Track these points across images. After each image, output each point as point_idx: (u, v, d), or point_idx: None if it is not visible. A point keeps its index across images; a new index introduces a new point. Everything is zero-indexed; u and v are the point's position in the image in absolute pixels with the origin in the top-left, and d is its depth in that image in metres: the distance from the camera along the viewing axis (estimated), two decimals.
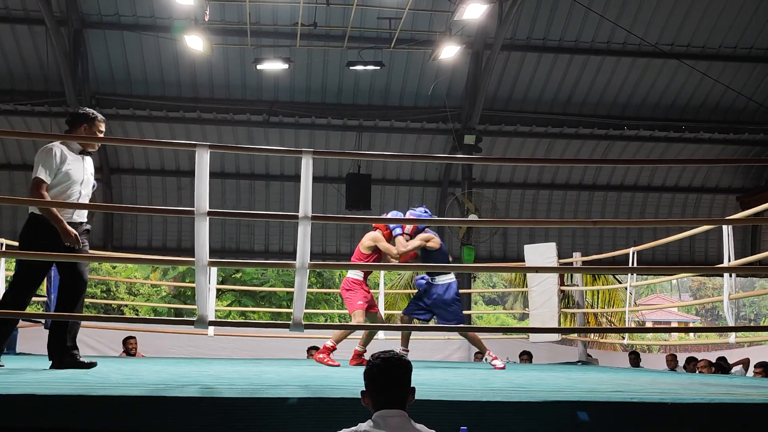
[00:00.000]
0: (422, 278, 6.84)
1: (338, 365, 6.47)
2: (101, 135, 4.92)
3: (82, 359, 4.81)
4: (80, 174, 4.80)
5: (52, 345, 4.83)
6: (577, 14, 12.83)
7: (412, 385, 2.55)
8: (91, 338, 10.90)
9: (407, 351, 6.72)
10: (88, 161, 4.92)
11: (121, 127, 13.89)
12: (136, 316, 19.38)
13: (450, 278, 6.70)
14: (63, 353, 4.77)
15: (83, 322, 9.61)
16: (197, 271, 4.04)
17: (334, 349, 6.70)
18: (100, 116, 4.93)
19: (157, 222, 14.78)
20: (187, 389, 3.45)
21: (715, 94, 14.21)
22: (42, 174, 4.63)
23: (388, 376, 2.51)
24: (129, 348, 9.57)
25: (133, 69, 13.31)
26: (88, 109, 4.95)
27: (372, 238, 6.76)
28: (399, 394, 2.50)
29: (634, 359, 11.32)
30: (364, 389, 2.55)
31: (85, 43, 12.84)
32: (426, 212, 6.77)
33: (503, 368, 6.41)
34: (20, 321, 8.62)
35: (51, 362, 4.81)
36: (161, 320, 10.84)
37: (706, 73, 13.41)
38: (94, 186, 4.99)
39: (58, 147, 4.71)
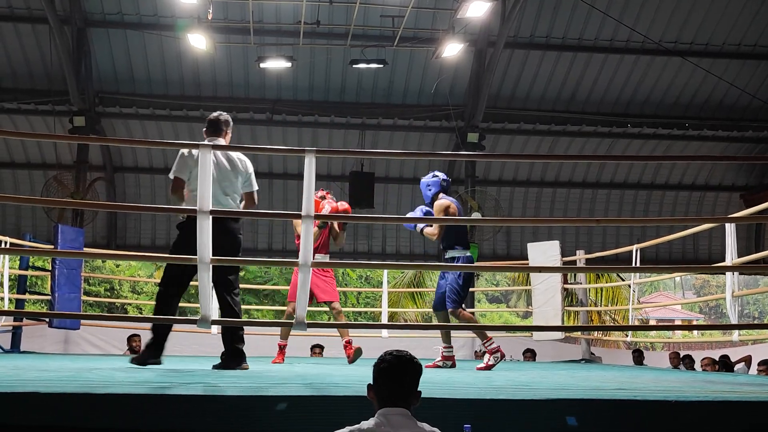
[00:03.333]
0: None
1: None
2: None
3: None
4: None
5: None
6: (581, 12, 12.81)
7: (419, 389, 2.55)
8: (94, 336, 10.94)
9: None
10: None
11: (125, 125, 13.90)
12: (139, 315, 19.40)
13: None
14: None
15: (87, 321, 9.68)
16: (200, 269, 4.06)
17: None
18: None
19: (161, 220, 14.78)
20: (190, 387, 3.46)
21: (718, 92, 14.17)
22: None
23: (396, 373, 2.51)
24: (133, 346, 9.59)
25: (136, 67, 13.32)
26: (226, 115, 5.10)
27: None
28: (404, 393, 2.50)
29: (638, 357, 11.31)
30: (371, 383, 2.55)
31: (88, 41, 12.85)
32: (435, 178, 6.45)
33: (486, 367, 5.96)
34: (24, 319, 8.67)
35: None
36: (165, 319, 10.86)
37: (710, 71, 13.38)
38: None
39: None
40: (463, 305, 6.26)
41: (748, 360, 10.52)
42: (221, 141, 5.01)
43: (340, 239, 7.18)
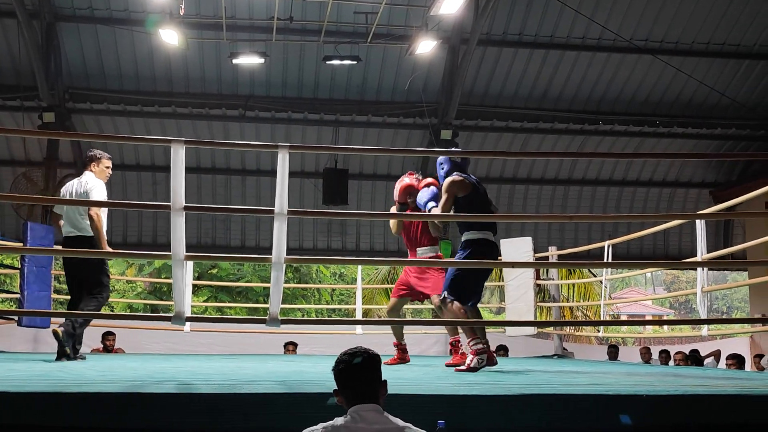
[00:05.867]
0: None
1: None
2: (109, 170, 6.30)
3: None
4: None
5: None
6: (553, 10, 12.88)
7: (383, 379, 2.56)
8: None
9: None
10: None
11: (95, 122, 13.74)
12: (111, 312, 19.20)
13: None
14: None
15: (58, 320, 9.58)
16: (174, 266, 4.03)
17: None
18: (104, 154, 6.24)
19: (132, 217, 14.64)
20: (163, 385, 3.44)
21: (688, 90, 14.33)
22: None
23: (355, 371, 2.52)
24: (107, 344, 9.53)
25: (107, 63, 13.17)
26: (93, 152, 6.24)
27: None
28: (370, 389, 2.51)
29: (613, 353, 11.36)
30: (336, 388, 2.55)
31: (57, 36, 12.67)
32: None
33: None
34: None
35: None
36: (138, 316, 10.78)
37: (680, 69, 13.52)
38: None
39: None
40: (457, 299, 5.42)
41: (717, 354, 10.67)
42: (89, 173, 6.16)
43: (433, 226, 6.20)
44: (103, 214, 6.14)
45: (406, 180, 6.38)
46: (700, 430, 3.27)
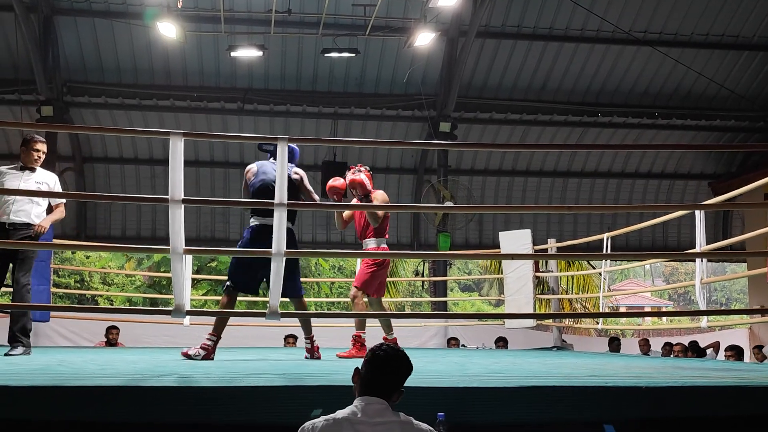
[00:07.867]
0: None
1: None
2: (37, 154, 5.50)
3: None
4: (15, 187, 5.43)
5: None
6: (552, 1, 12.86)
7: (402, 388, 2.57)
8: (65, 329, 10.83)
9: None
10: (37, 175, 5.54)
11: (94, 115, 13.72)
12: (111, 306, 19.22)
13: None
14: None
15: (57, 314, 9.59)
16: (173, 259, 4.02)
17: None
18: (36, 137, 5.57)
19: (131, 211, 14.64)
20: (164, 379, 3.44)
21: (687, 81, 14.32)
22: None
23: (388, 366, 2.55)
24: (110, 338, 9.54)
25: (105, 56, 13.14)
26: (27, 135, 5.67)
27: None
28: (387, 385, 2.52)
29: (615, 345, 11.26)
30: (359, 366, 2.57)
31: (55, 29, 12.65)
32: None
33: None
34: None
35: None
36: (137, 310, 10.76)
37: (679, 60, 13.51)
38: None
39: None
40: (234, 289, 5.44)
41: (716, 346, 10.68)
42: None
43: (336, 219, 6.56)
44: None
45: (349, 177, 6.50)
46: (700, 421, 3.28)
